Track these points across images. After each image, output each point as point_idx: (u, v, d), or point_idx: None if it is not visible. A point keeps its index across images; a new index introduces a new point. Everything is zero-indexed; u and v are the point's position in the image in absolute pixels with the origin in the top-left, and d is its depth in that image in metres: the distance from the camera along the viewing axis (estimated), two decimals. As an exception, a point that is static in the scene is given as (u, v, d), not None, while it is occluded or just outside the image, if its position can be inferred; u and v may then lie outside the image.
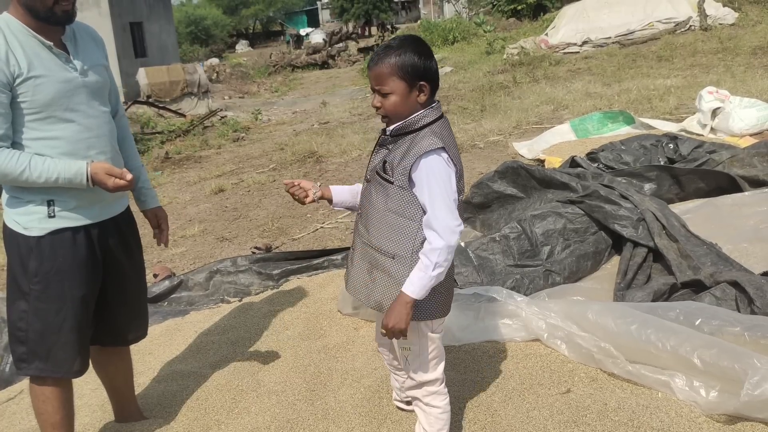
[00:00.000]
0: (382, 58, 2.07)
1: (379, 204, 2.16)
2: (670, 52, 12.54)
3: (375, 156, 2.22)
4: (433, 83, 2.10)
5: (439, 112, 2.13)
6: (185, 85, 16.91)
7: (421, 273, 2.05)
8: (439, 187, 2.04)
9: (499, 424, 2.58)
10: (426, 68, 2.07)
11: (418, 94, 2.08)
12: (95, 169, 2.33)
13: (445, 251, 2.03)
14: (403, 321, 2.07)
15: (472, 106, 10.80)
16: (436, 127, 2.09)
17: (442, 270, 2.05)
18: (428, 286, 2.06)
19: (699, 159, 4.74)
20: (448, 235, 2.02)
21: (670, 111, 8.05)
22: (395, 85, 2.06)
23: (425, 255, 2.05)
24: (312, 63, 28.01)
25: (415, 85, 2.07)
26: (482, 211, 4.75)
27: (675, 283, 3.32)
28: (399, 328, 2.07)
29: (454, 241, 2.03)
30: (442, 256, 2.03)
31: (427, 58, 2.08)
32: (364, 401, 2.85)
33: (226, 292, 4.44)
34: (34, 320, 2.38)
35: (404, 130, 2.10)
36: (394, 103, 2.08)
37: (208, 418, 2.95)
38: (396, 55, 2.05)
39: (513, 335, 3.13)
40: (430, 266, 2.03)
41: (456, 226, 2.04)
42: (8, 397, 3.46)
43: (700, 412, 2.47)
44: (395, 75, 2.05)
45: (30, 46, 2.27)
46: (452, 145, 2.10)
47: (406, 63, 2.04)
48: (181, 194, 8.08)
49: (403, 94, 2.07)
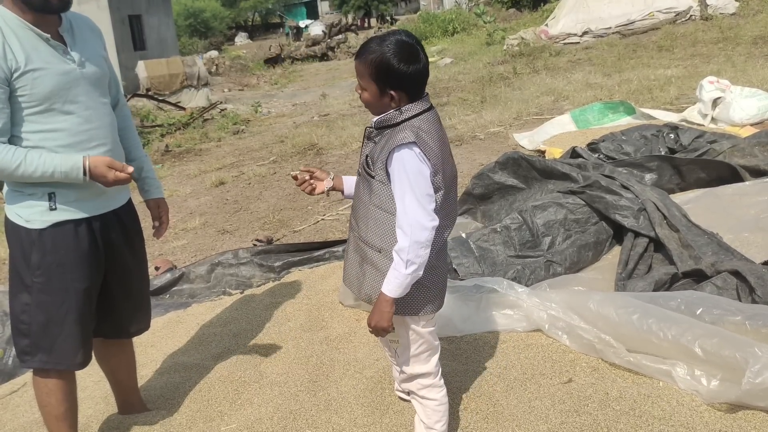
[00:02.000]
0: (362, 53, 2.05)
1: (365, 198, 2.16)
2: (670, 42, 12.51)
3: (363, 149, 2.20)
4: (410, 89, 2.04)
5: (423, 105, 2.07)
6: (185, 78, 16.89)
7: (395, 272, 2.03)
8: (410, 182, 1.99)
9: (501, 414, 2.59)
10: (400, 77, 2.00)
11: (390, 100, 2.04)
12: (95, 162, 2.32)
13: (414, 248, 1.98)
14: (384, 320, 2.07)
15: (473, 97, 10.79)
16: (417, 121, 2.04)
17: (416, 266, 2.01)
18: (405, 284, 2.04)
19: (700, 149, 4.74)
20: (416, 231, 1.97)
21: (671, 101, 8.04)
22: (368, 84, 2.05)
23: (396, 253, 2.02)
24: (311, 55, 27.95)
25: (386, 93, 2.03)
26: (483, 202, 4.76)
27: (676, 272, 3.33)
28: (381, 326, 2.08)
29: (422, 237, 1.98)
30: (412, 253, 1.99)
31: (406, 63, 1.99)
32: (366, 392, 2.86)
33: (227, 285, 4.44)
34: (37, 313, 2.39)
35: (385, 124, 2.08)
36: (367, 99, 2.08)
37: (210, 410, 2.96)
38: (373, 55, 2.01)
39: (514, 326, 3.14)
40: (401, 264, 2.00)
41: (428, 222, 1.99)
42: (11, 390, 3.47)
43: (701, 400, 2.48)
44: (369, 75, 2.03)
45: (27, 38, 2.25)
46: (433, 140, 2.04)
47: (381, 68, 1.99)
48: (181, 187, 8.08)
49: (375, 95, 2.05)
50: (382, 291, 2.05)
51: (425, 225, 1.99)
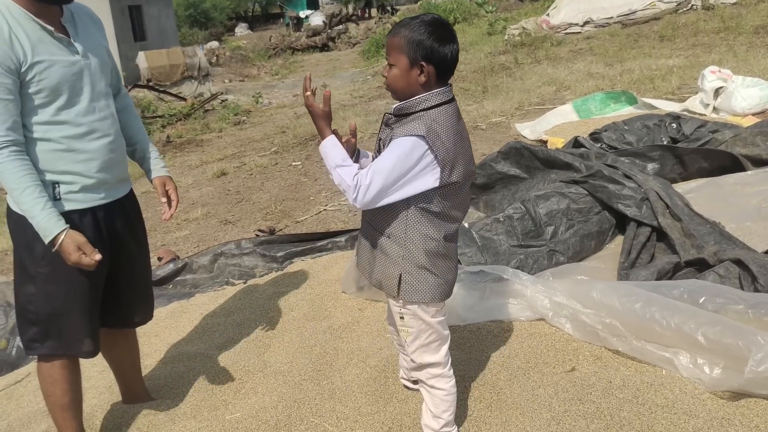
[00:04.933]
0: (397, 28, 2.06)
1: None
2: (672, 32, 12.45)
3: (379, 134, 2.21)
4: (440, 67, 2.04)
5: (444, 97, 2.07)
6: (185, 68, 16.85)
7: (335, 157, 2.07)
8: (395, 163, 1.98)
9: (505, 402, 2.60)
10: (433, 50, 2.00)
11: (419, 74, 2.03)
12: (69, 237, 2.24)
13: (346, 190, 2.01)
14: (312, 114, 2.15)
15: (474, 87, 10.77)
16: (434, 113, 2.03)
17: (334, 179, 2.05)
18: (323, 154, 2.11)
19: (702, 138, 4.73)
20: (360, 197, 1.99)
21: (673, 91, 8.01)
22: (398, 59, 2.04)
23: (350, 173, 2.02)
24: (312, 45, 27.87)
25: (417, 64, 2.02)
26: (486, 191, 4.76)
27: (679, 261, 3.33)
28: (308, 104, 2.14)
29: (358, 205, 2.01)
30: (342, 186, 2.02)
31: (440, 41, 2.01)
32: (370, 380, 2.87)
33: (230, 275, 4.45)
34: (43, 303, 2.40)
35: (403, 112, 2.09)
36: (394, 76, 2.07)
37: (215, 399, 2.97)
38: (409, 29, 2.02)
39: (518, 314, 3.15)
40: (337, 168, 2.04)
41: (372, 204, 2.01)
42: (16, 380, 3.48)
43: (704, 388, 2.49)
44: (401, 48, 2.03)
45: (32, 30, 2.24)
46: (447, 133, 2.02)
47: (414, 39, 2.01)
48: (183, 178, 8.08)
49: (404, 69, 2.04)
50: (324, 142, 2.11)
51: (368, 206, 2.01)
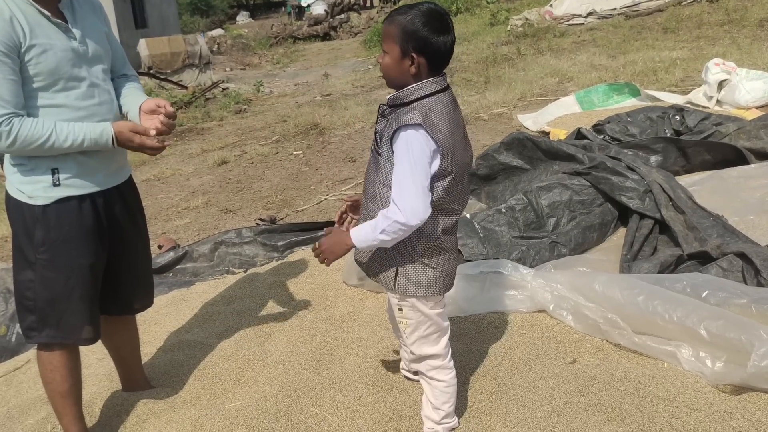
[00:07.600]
0: (393, 16, 2.03)
1: (372, 176, 2.16)
2: (675, 24, 12.39)
3: (376, 126, 2.19)
4: (432, 59, 2.00)
5: (438, 86, 2.04)
6: (186, 56, 16.77)
7: (369, 228, 2.03)
8: (410, 164, 1.95)
9: (506, 393, 2.59)
10: (426, 41, 1.96)
11: (410, 65, 1.99)
12: (119, 128, 2.34)
13: (397, 225, 1.96)
14: (333, 254, 2.12)
15: (476, 78, 10.72)
16: (428, 102, 2.00)
17: (386, 239, 2.00)
18: (369, 244, 2.05)
19: (705, 131, 4.71)
20: (409, 215, 1.94)
21: (676, 83, 7.98)
22: (391, 47, 2.01)
23: (382, 215, 1.99)
24: (313, 34, 27.75)
25: (408, 55, 1.99)
26: (488, 182, 4.74)
27: (681, 254, 3.32)
28: (326, 257, 2.13)
29: (413, 222, 1.95)
30: (393, 228, 1.97)
31: (434, 32, 1.96)
32: (371, 371, 2.86)
33: (231, 263, 4.44)
34: (42, 290, 2.38)
35: (398, 102, 2.06)
36: (387, 65, 2.04)
37: (215, 387, 2.96)
38: (404, 17, 1.99)
39: (519, 306, 3.14)
40: (378, 228, 1.99)
41: (422, 211, 1.96)
42: (15, 367, 3.48)
43: (706, 382, 2.48)
44: (394, 37, 2.00)
45: (30, 14, 2.23)
46: (443, 122, 2.00)
47: (407, 29, 1.97)
48: (184, 166, 8.06)
49: (396, 59, 2.01)
50: (349, 234, 2.07)
51: (418, 212, 1.95)
